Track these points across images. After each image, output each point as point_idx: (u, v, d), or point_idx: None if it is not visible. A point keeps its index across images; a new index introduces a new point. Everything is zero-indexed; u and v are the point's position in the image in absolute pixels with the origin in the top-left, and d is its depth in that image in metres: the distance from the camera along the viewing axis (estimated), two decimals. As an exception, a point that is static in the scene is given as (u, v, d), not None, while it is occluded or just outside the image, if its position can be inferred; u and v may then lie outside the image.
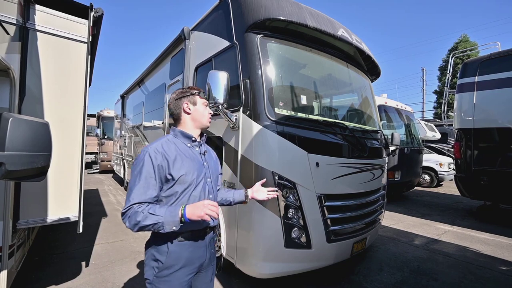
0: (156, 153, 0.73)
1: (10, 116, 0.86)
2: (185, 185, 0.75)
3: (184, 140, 0.82)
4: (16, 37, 1.23)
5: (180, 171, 0.74)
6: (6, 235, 1.19)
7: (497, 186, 3.11)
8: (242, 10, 1.59)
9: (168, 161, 0.74)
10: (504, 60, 3.13)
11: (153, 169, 0.71)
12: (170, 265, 0.73)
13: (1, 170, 0.83)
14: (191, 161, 0.79)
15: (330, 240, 1.52)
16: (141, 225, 0.66)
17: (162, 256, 0.74)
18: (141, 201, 0.70)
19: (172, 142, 0.79)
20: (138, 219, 0.66)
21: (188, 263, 0.76)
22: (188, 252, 0.76)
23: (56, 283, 1.66)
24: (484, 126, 3.21)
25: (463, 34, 15.27)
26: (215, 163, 0.91)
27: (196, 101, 0.84)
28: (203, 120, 0.84)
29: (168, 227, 0.67)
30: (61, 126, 1.38)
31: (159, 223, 0.67)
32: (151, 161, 0.72)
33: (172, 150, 0.76)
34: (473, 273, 1.95)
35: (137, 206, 0.68)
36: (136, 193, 0.70)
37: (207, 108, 0.87)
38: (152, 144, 0.76)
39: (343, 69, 2.04)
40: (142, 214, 0.67)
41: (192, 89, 0.85)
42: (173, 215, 0.68)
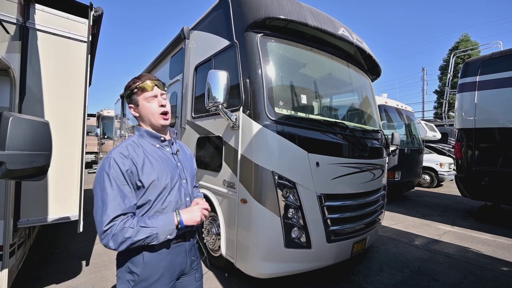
0: (123, 158, 0.63)
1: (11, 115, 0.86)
2: (158, 190, 0.66)
3: (152, 140, 0.72)
4: (16, 37, 1.23)
5: (150, 176, 0.65)
6: (7, 234, 1.20)
7: (498, 186, 3.09)
8: (242, 9, 1.59)
9: (136, 167, 0.64)
10: (506, 60, 3.11)
11: (123, 175, 0.62)
12: (147, 277, 0.65)
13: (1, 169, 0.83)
14: (162, 164, 0.69)
15: (330, 240, 1.52)
16: (131, 241, 0.58)
17: (138, 268, 0.65)
18: (122, 212, 0.60)
19: (138, 144, 0.69)
20: (127, 236, 0.57)
21: (167, 272, 0.69)
22: (166, 260, 0.68)
23: (57, 282, 1.67)
24: (485, 126, 3.19)
25: (464, 34, 15.21)
26: (190, 162, 0.81)
27: (137, 101, 0.70)
28: (152, 120, 0.70)
29: (162, 236, 0.62)
30: (61, 125, 1.38)
31: (153, 235, 0.60)
32: (118, 167, 0.62)
33: (139, 153, 0.67)
34: (474, 274, 1.94)
35: (120, 221, 0.59)
36: (112, 205, 0.59)
37: (156, 98, 0.69)
38: (115, 149, 0.66)
39: (344, 68, 2.03)
40: (131, 230, 0.58)
41: (133, 83, 0.69)
42: (167, 223, 0.62)
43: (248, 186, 1.45)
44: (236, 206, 1.53)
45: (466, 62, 3.58)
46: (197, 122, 2.05)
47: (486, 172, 3.15)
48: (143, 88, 0.69)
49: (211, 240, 1.91)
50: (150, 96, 0.69)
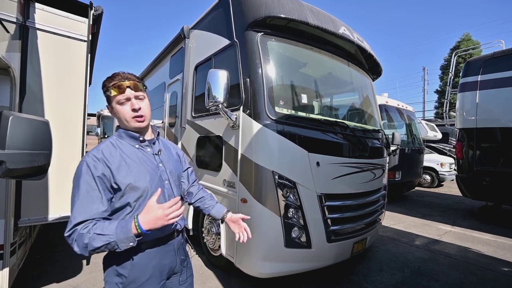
0: (96, 162, 0.61)
1: (11, 114, 0.86)
2: (137, 193, 0.64)
3: (130, 141, 0.69)
4: (16, 36, 1.22)
5: (126, 179, 0.63)
6: (8, 233, 1.20)
7: (500, 186, 3.08)
8: (242, 8, 1.58)
9: (110, 169, 0.62)
10: (508, 59, 3.09)
11: (94, 180, 0.60)
12: (135, 278, 0.64)
13: (1, 168, 0.83)
14: (140, 165, 0.67)
15: (330, 240, 1.52)
16: (91, 248, 0.56)
17: (125, 270, 0.63)
18: (86, 218, 0.58)
19: (115, 145, 0.67)
20: (86, 242, 0.55)
21: (157, 271, 0.67)
22: (155, 260, 0.67)
23: (57, 281, 1.67)
24: (487, 126, 3.17)
25: (465, 33, 15.12)
26: (175, 161, 0.78)
27: (111, 101, 0.67)
28: (127, 124, 0.67)
29: (123, 245, 0.57)
30: (61, 124, 1.38)
31: (112, 243, 0.56)
32: (90, 171, 0.60)
33: (115, 155, 0.64)
34: (475, 274, 1.94)
35: (81, 227, 0.57)
36: (78, 211, 0.58)
37: (128, 102, 0.66)
38: (91, 151, 0.64)
39: (344, 67, 2.02)
40: (88, 236, 0.56)
41: (105, 85, 0.66)
42: (124, 231, 0.57)
43: (248, 186, 1.45)
44: (236, 205, 1.53)
45: (468, 61, 3.56)
46: (197, 121, 2.04)
47: (487, 172, 3.14)
48: (115, 91, 0.65)
49: (211, 239, 1.91)
50: (122, 99, 0.66)
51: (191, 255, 0.82)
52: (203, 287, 1.67)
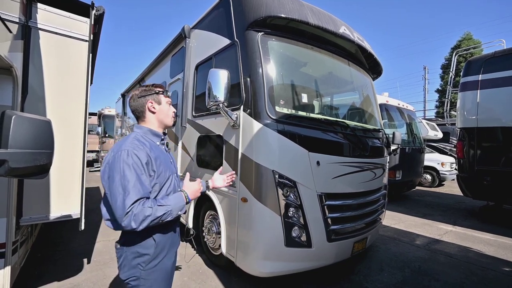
0: (140, 151, 0.74)
1: (13, 114, 0.87)
2: (164, 179, 0.79)
3: (153, 138, 0.83)
4: (18, 36, 1.24)
5: (160, 167, 0.78)
6: (10, 231, 1.21)
7: (501, 186, 3.07)
8: (243, 8, 1.58)
9: (151, 158, 0.75)
10: (509, 58, 3.08)
11: (141, 165, 0.72)
12: (157, 254, 0.78)
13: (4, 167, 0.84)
14: (165, 158, 0.83)
15: (331, 239, 1.52)
16: (152, 218, 0.68)
17: (150, 249, 0.76)
18: (141, 196, 0.69)
19: (146, 140, 0.80)
20: (147, 214, 0.67)
21: (170, 249, 0.83)
22: (170, 239, 0.83)
23: (58, 280, 1.68)
24: (488, 125, 3.16)
25: (466, 32, 15.04)
26: (173, 159, 0.96)
27: (160, 100, 0.84)
28: (167, 120, 0.86)
29: (175, 212, 0.74)
30: (63, 124, 1.39)
31: (168, 212, 0.72)
32: (138, 158, 0.72)
33: (149, 148, 0.78)
34: (476, 274, 1.93)
35: (139, 203, 0.68)
36: (134, 190, 0.69)
37: (171, 107, 0.88)
38: (127, 144, 0.74)
39: (345, 67, 2.03)
40: (150, 209, 0.68)
41: (156, 87, 0.85)
42: (179, 201, 0.76)
43: (248, 185, 1.45)
44: (236, 205, 1.53)
45: (469, 60, 3.55)
46: (197, 121, 2.05)
47: (488, 172, 3.13)
48: (168, 95, 0.88)
49: (211, 239, 1.91)
50: (170, 102, 0.89)
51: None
52: (204, 286, 1.67)
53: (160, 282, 0.78)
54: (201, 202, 2.05)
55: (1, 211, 1.19)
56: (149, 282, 0.75)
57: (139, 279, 0.75)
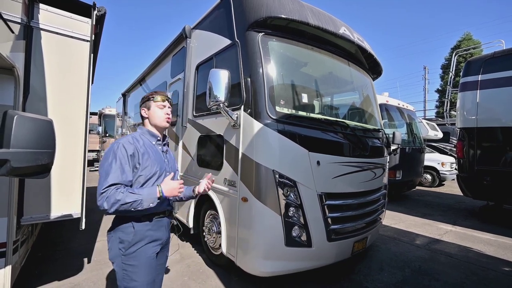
0: (129, 144, 0.85)
1: (15, 113, 0.87)
2: (148, 175, 0.87)
3: (150, 137, 0.95)
4: (20, 36, 1.24)
5: (146, 162, 0.87)
6: (10, 231, 1.21)
7: (501, 186, 3.07)
8: (244, 8, 1.59)
9: (138, 153, 0.86)
10: (508, 59, 3.09)
11: (127, 157, 0.82)
12: (136, 242, 0.84)
13: (6, 167, 0.85)
14: (155, 156, 0.91)
15: (331, 239, 1.52)
16: (121, 202, 0.75)
17: (129, 236, 0.84)
18: (118, 182, 0.79)
19: (141, 138, 0.92)
20: (118, 198, 0.75)
21: (152, 239, 0.88)
22: (151, 230, 0.88)
23: (59, 279, 1.68)
24: (488, 125, 3.17)
25: (466, 32, 15.05)
26: (173, 162, 1.04)
27: (150, 106, 0.94)
28: (157, 121, 0.94)
29: (146, 203, 0.79)
30: (64, 123, 1.39)
31: (138, 201, 0.77)
32: (125, 150, 0.83)
33: (141, 144, 0.89)
34: (476, 274, 1.93)
35: (114, 187, 0.77)
36: (113, 176, 0.78)
37: (164, 109, 0.95)
38: (123, 138, 0.87)
39: (345, 67, 2.03)
40: (121, 194, 0.76)
41: (151, 94, 0.95)
42: (151, 193, 0.81)
43: (249, 185, 1.46)
44: (237, 204, 1.53)
45: (468, 61, 3.56)
46: (198, 120, 2.06)
47: (488, 172, 3.13)
48: (157, 99, 0.95)
49: (211, 238, 1.92)
50: (160, 104, 0.95)
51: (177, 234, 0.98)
52: (204, 285, 1.67)
53: (141, 270, 0.83)
54: (202, 202, 2.05)
55: (2, 211, 1.19)
56: (129, 268, 0.83)
57: (121, 263, 0.84)
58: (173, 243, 2.31)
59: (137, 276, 0.82)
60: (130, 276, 0.82)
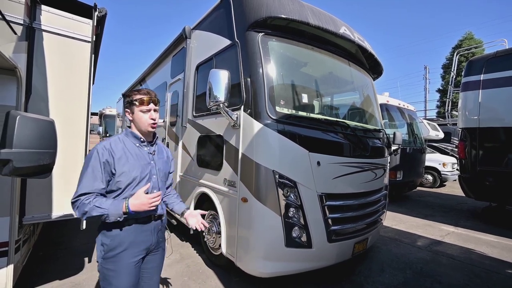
0: (104, 150, 0.83)
1: (18, 114, 0.88)
2: (128, 180, 0.84)
3: (133, 140, 0.91)
4: (23, 37, 1.25)
5: (123, 167, 0.83)
6: (13, 230, 1.22)
7: (503, 187, 3.04)
8: (243, 9, 1.59)
9: (113, 158, 0.83)
10: (511, 58, 3.07)
11: (99, 163, 0.80)
12: (114, 247, 0.82)
13: (8, 166, 0.85)
14: (136, 159, 0.87)
15: (331, 240, 1.51)
16: (89, 215, 0.76)
17: (107, 239, 0.83)
18: (89, 191, 0.78)
19: (121, 141, 0.88)
20: (86, 210, 0.76)
21: (132, 246, 0.85)
22: (132, 236, 0.85)
23: (60, 278, 1.69)
24: (490, 126, 3.14)
25: (467, 31, 14.94)
26: (164, 162, 0.98)
27: (133, 110, 0.89)
28: (141, 126, 0.90)
29: (113, 218, 0.77)
30: (65, 123, 1.41)
31: (105, 215, 0.77)
32: (98, 156, 0.81)
33: (119, 148, 0.85)
34: (479, 276, 1.91)
35: (84, 198, 0.77)
36: (84, 184, 0.78)
37: (149, 113, 0.89)
38: (102, 142, 0.86)
39: (345, 67, 2.03)
40: (89, 206, 0.76)
41: (134, 95, 0.88)
42: (117, 208, 0.78)
43: (249, 185, 1.46)
44: (236, 205, 1.53)
45: (470, 60, 3.53)
46: (198, 121, 2.06)
47: (491, 172, 3.10)
48: (142, 102, 0.88)
49: (211, 238, 1.92)
50: (145, 109, 0.89)
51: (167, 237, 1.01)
52: (204, 286, 1.67)
53: (120, 275, 0.81)
54: (201, 202, 2.05)
55: (4, 210, 1.20)
56: (108, 271, 0.82)
57: (100, 265, 0.84)
58: (173, 244, 2.32)
59: (115, 280, 0.81)
60: (109, 279, 0.81)
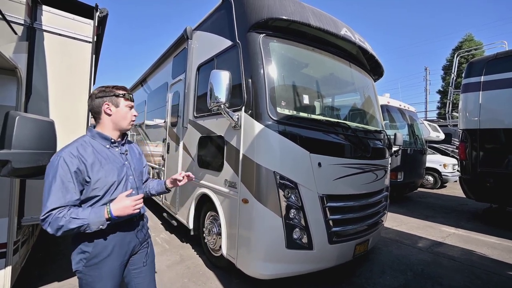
0: (72, 158, 0.71)
1: (17, 114, 0.87)
2: (106, 187, 0.76)
3: (102, 141, 0.80)
4: (23, 37, 1.25)
5: (98, 174, 0.75)
6: (11, 231, 1.21)
7: (504, 188, 3.04)
8: (245, 10, 1.59)
9: (85, 165, 0.73)
10: (511, 60, 3.08)
11: (70, 173, 0.70)
12: (97, 254, 0.76)
13: (7, 167, 0.85)
14: (110, 163, 0.79)
15: (332, 241, 1.51)
16: (65, 229, 0.67)
17: (89, 247, 0.75)
18: (60, 205, 0.68)
19: (88, 144, 0.77)
20: (61, 224, 0.66)
21: (116, 250, 0.79)
22: (114, 240, 0.79)
23: (59, 280, 1.68)
24: (490, 127, 3.15)
25: (467, 33, 15.03)
26: (138, 160, 0.92)
27: (118, 103, 0.81)
28: (123, 124, 0.82)
29: (94, 227, 0.69)
30: (65, 124, 1.40)
31: (85, 225, 0.68)
32: (67, 166, 0.70)
33: (89, 153, 0.75)
34: (480, 278, 1.91)
35: (56, 212, 0.67)
36: (53, 199, 0.68)
37: (132, 110, 0.84)
38: (65, 148, 0.74)
39: (346, 68, 2.03)
40: (64, 219, 0.66)
41: (117, 89, 0.81)
42: (98, 215, 0.70)
43: (249, 186, 1.45)
44: (237, 206, 1.53)
45: (470, 62, 3.54)
46: (199, 121, 2.06)
47: (491, 174, 3.10)
48: (128, 97, 0.84)
49: (212, 240, 1.91)
50: (130, 105, 0.85)
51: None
52: (204, 287, 1.66)
53: (105, 280, 0.76)
54: (202, 203, 2.05)
55: (3, 211, 1.19)
56: (91, 278, 0.75)
57: (82, 273, 0.76)
58: (174, 245, 2.30)
59: (100, 285, 0.76)
60: (92, 285, 0.75)
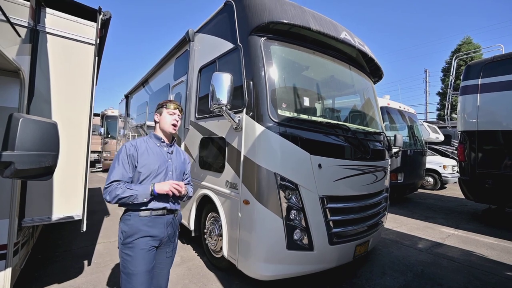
0: (130, 146, 1.01)
1: (21, 116, 0.88)
2: (148, 171, 0.99)
3: (155, 140, 1.08)
4: (27, 39, 1.26)
5: (144, 161, 1.00)
6: (12, 232, 1.21)
7: (502, 189, 3.06)
8: (246, 13, 1.62)
9: (138, 153, 1.00)
10: (508, 63, 3.12)
11: (126, 156, 0.98)
12: (131, 234, 0.95)
13: (10, 169, 0.85)
14: (155, 156, 1.03)
15: (333, 242, 1.51)
16: (120, 197, 0.91)
17: (126, 227, 0.96)
18: (119, 179, 0.95)
19: (145, 141, 1.06)
20: (118, 193, 0.91)
21: (146, 234, 0.96)
22: (146, 226, 0.97)
23: (59, 282, 1.67)
24: (488, 129, 3.18)
25: (466, 36, 15.14)
26: (181, 163, 1.13)
27: (162, 112, 1.09)
28: (165, 127, 1.08)
29: (140, 198, 0.93)
30: (67, 126, 1.41)
31: (134, 195, 0.92)
32: (126, 151, 0.99)
33: (143, 146, 1.03)
34: (479, 279, 1.92)
35: (116, 183, 0.93)
36: (115, 173, 0.95)
37: (174, 115, 1.08)
38: (129, 141, 1.04)
39: (346, 71, 2.05)
40: (120, 189, 0.91)
41: (163, 102, 1.10)
42: (145, 189, 0.95)
43: (250, 187, 1.46)
44: (238, 207, 1.53)
45: (468, 65, 3.58)
46: (200, 123, 2.07)
47: (490, 175, 3.13)
48: (170, 106, 1.10)
49: (213, 241, 1.91)
50: (170, 112, 1.09)
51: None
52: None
53: (136, 260, 0.93)
54: (203, 204, 2.05)
55: (4, 212, 1.19)
56: (126, 256, 0.94)
57: (120, 251, 0.97)
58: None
59: (132, 265, 0.92)
60: (126, 264, 0.93)
